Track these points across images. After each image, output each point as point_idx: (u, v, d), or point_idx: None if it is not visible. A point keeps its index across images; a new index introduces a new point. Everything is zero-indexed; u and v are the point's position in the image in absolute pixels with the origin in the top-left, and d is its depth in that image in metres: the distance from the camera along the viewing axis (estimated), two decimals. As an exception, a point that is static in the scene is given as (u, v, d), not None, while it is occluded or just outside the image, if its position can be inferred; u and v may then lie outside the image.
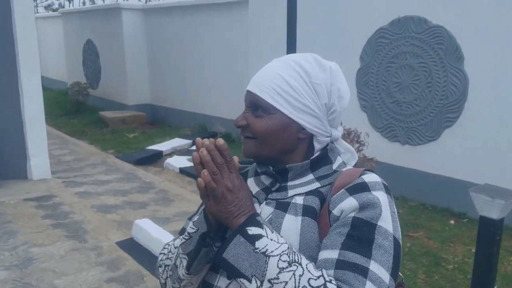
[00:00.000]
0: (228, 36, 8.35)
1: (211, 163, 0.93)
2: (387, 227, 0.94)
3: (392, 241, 0.93)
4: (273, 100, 1.02)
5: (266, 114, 1.03)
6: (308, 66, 1.04)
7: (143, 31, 10.53)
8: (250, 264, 0.88)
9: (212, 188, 0.93)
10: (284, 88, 1.02)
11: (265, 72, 1.06)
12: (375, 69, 5.63)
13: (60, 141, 8.67)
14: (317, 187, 1.04)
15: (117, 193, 5.74)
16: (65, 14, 13.43)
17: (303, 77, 1.03)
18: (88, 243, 4.29)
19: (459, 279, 3.72)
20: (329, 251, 0.92)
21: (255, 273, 0.88)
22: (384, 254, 0.91)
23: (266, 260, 0.88)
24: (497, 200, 2.59)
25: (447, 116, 5.04)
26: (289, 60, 1.06)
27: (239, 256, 0.90)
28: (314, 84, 1.04)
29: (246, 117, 1.06)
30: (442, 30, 4.95)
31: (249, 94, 1.06)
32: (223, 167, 0.94)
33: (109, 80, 11.36)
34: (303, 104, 1.02)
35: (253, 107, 1.05)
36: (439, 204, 5.18)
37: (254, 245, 0.89)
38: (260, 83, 1.04)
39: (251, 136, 1.05)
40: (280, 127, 1.03)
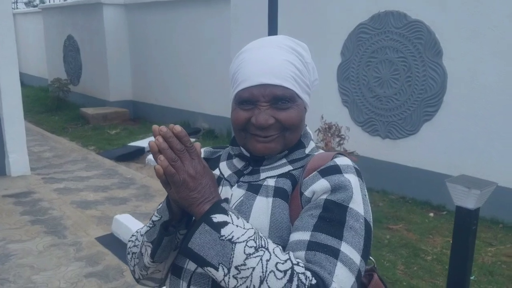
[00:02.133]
0: (210, 32, 8.31)
1: (168, 150, 0.89)
2: (358, 209, 0.94)
3: (363, 223, 0.94)
4: (295, 87, 1.02)
5: (293, 103, 1.02)
6: (297, 47, 1.06)
7: (125, 26, 10.42)
8: (216, 252, 0.86)
9: (171, 174, 0.89)
10: (297, 73, 1.02)
11: (273, 60, 1.01)
12: (356, 64, 5.66)
13: (41, 138, 8.55)
14: (289, 170, 1.05)
15: (98, 189, 5.69)
16: (45, 10, 13.23)
17: (301, 59, 1.05)
18: (67, 239, 4.24)
19: (437, 269, 3.77)
20: (300, 233, 0.92)
21: (221, 261, 0.86)
22: (355, 235, 0.91)
23: (232, 247, 0.86)
24: (473, 190, 2.63)
25: (426, 110, 5.10)
26: (280, 44, 1.05)
27: (205, 244, 0.87)
28: (307, 64, 1.06)
29: (272, 114, 1.01)
30: (421, 25, 5.00)
31: (268, 88, 1.00)
32: (183, 153, 0.90)
33: (90, 76, 11.23)
34: (306, 84, 1.05)
35: (275, 100, 1.00)
36: (418, 197, 5.24)
37: (219, 233, 0.87)
38: (278, 73, 1.00)
39: (278, 132, 1.02)
40: (303, 111, 1.06)
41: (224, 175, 1.11)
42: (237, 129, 1.06)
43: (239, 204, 1.03)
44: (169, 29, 9.28)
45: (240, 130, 1.05)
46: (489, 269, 3.77)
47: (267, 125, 1.00)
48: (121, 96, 10.56)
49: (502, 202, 4.40)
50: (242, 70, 1.03)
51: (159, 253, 1.02)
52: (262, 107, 1.00)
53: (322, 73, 5.91)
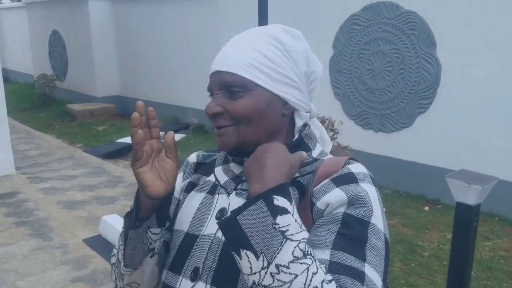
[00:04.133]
0: (199, 25, 8.14)
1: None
2: (379, 225, 0.83)
3: (384, 241, 0.83)
4: (251, 75, 0.89)
5: (245, 92, 0.89)
6: (280, 35, 0.94)
7: (111, 21, 10.21)
8: (263, 239, 0.74)
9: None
10: (261, 60, 0.90)
11: (235, 47, 0.93)
12: (348, 56, 5.55)
13: (26, 136, 8.35)
14: (295, 177, 0.91)
15: (85, 188, 5.53)
16: (29, 4, 12.94)
17: (278, 46, 0.92)
18: (53, 241, 4.10)
19: (435, 266, 3.69)
20: (319, 251, 0.80)
21: (264, 250, 0.73)
22: (377, 256, 0.80)
23: (281, 242, 0.73)
24: (473, 186, 2.53)
25: (420, 103, 5.01)
26: (258, 33, 0.94)
27: (255, 225, 0.74)
28: (290, 52, 0.93)
29: (220, 103, 0.91)
30: (415, 16, 4.90)
31: (219, 75, 0.91)
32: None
33: (77, 72, 11.01)
34: (283, 75, 0.91)
35: (226, 88, 0.90)
36: (413, 191, 5.16)
37: (275, 219, 0.75)
38: (232, 60, 0.90)
39: (230, 123, 0.91)
40: (264, 103, 0.90)
41: (220, 182, 0.99)
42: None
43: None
44: (156, 22, 9.10)
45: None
46: (488, 265, 3.70)
47: (212, 113, 0.91)
48: (108, 92, 10.37)
49: (498, 196, 4.30)
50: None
51: (129, 253, 0.91)
52: (216, 95, 0.92)
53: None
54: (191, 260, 0.93)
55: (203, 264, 0.91)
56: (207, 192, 0.99)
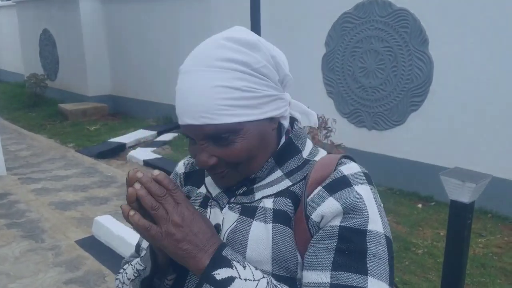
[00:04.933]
0: (190, 24, 8.10)
1: (148, 197, 0.75)
2: (377, 229, 0.80)
3: (385, 243, 0.80)
4: (233, 118, 0.80)
5: (235, 136, 0.81)
6: (238, 55, 0.81)
7: (102, 19, 10.13)
8: None
9: (145, 228, 0.76)
10: (234, 96, 0.79)
11: (196, 94, 0.80)
12: (341, 55, 5.54)
13: (17, 136, 8.27)
14: (287, 186, 0.88)
15: (77, 188, 5.48)
16: (19, 3, 12.80)
17: (243, 70, 0.81)
18: (46, 243, 4.06)
19: (429, 263, 3.70)
20: (318, 273, 0.78)
21: None
22: (379, 263, 0.78)
23: None
24: (467, 184, 2.53)
25: (413, 100, 5.02)
26: (212, 63, 0.80)
27: None
28: (258, 70, 0.82)
29: (212, 153, 0.83)
30: (407, 13, 4.90)
31: (196, 128, 0.81)
32: (166, 198, 0.76)
33: (68, 71, 10.91)
34: (260, 97, 0.82)
35: (211, 139, 0.82)
36: (406, 188, 5.17)
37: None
38: (204, 110, 0.79)
39: (228, 168, 0.86)
40: (256, 136, 0.84)
41: (212, 194, 0.94)
42: None
43: (232, 231, 0.86)
44: (147, 21, 9.04)
45: None
46: (481, 261, 3.71)
47: (208, 166, 0.84)
48: (100, 91, 10.29)
49: (491, 192, 4.33)
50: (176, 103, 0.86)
51: None
52: (201, 145, 0.83)
53: (306, 64, 5.81)
54: (190, 280, 0.90)
55: None
56: (199, 205, 0.95)
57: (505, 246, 4.00)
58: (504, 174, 4.36)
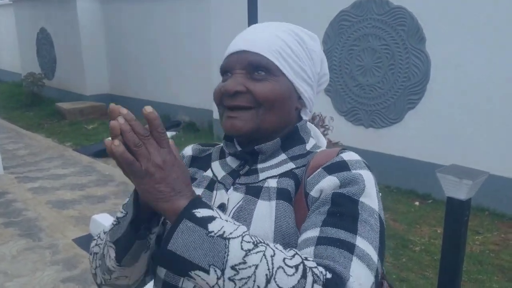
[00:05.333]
0: (189, 23, 8.09)
1: (131, 133, 0.72)
2: (372, 205, 0.82)
3: (378, 219, 0.81)
4: (278, 61, 0.90)
5: (270, 76, 0.89)
6: (301, 33, 0.96)
7: (100, 18, 10.11)
8: (205, 252, 0.70)
9: (128, 162, 0.72)
10: (286, 51, 0.91)
11: (260, 33, 0.93)
12: (338, 53, 5.55)
13: (15, 135, 8.26)
14: (291, 168, 0.92)
15: (75, 187, 5.48)
16: (16, 2, 12.77)
17: (300, 43, 0.94)
18: (43, 242, 4.05)
19: (426, 260, 3.71)
20: (308, 232, 0.79)
21: (213, 262, 0.69)
22: (370, 231, 0.78)
23: (226, 244, 0.70)
24: (464, 181, 2.54)
25: (410, 98, 5.02)
26: (280, 26, 0.95)
27: (190, 244, 0.70)
28: (310, 51, 0.96)
29: (242, 82, 0.88)
30: (404, 11, 4.90)
31: (243, 54, 0.90)
32: (149, 140, 0.74)
33: (65, 70, 10.90)
34: (303, 70, 0.94)
35: (251, 69, 0.89)
36: (403, 186, 5.18)
37: (206, 229, 0.71)
38: (260, 43, 0.90)
39: (249, 105, 0.88)
40: (286, 91, 0.91)
41: (218, 177, 0.97)
42: (217, 105, 0.95)
43: (237, 210, 0.89)
44: (146, 20, 9.03)
45: (218, 104, 0.94)
46: (478, 258, 3.72)
47: (233, 91, 0.88)
48: (98, 90, 10.28)
49: (488, 190, 4.34)
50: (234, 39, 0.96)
51: (129, 257, 0.88)
52: (236, 74, 0.90)
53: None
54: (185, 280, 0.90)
55: None
56: (205, 187, 0.98)
57: (502, 243, 4.01)
58: (501, 172, 4.37)
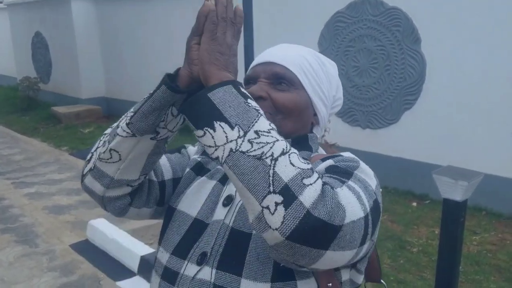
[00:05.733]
0: (184, 25, 8.06)
1: (223, 8, 0.83)
2: (368, 180, 0.84)
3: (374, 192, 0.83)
4: (301, 76, 0.98)
5: (292, 88, 0.97)
6: (322, 58, 1.05)
7: (95, 21, 10.09)
8: (237, 113, 0.75)
9: (213, 18, 0.81)
10: (309, 69, 0.99)
11: (286, 50, 1.02)
12: (334, 54, 5.54)
13: (10, 140, 8.23)
14: None
15: (71, 192, 5.45)
16: (11, 6, 12.74)
17: (321, 65, 1.03)
18: (40, 248, 4.03)
19: (424, 261, 3.71)
20: None
21: (240, 123, 0.74)
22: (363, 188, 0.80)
23: (257, 115, 0.76)
24: (460, 182, 2.54)
25: (406, 99, 5.02)
26: (301, 47, 1.04)
27: (227, 101, 0.76)
28: (329, 75, 1.04)
29: (265, 89, 0.96)
30: (399, 12, 4.91)
31: (270, 65, 0.99)
32: (232, 24, 0.84)
33: (61, 74, 10.86)
34: (321, 89, 1.01)
35: (275, 79, 0.97)
36: (401, 186, 5.18)
37: (246, 100, 0.77)
38: (286, 57, 0.99)
39: (269, 111, 0.94)
40: (304, 104, 0.99)
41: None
42: None
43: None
44: (141, 22, 9.01)
45: None
46: (475, 259, 3.72)
47: (257, 95, 0.93)
48: (94, 93, 10.24)
49: (485, 190, 4.33)
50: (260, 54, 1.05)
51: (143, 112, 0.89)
52: (261, 82, 0.98)
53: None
54: (199, 245, 0.92)
55: (211, 249, 0.90)
56: (218, 180, 1.01)
57: (499, 243, 4.01)
58: (497, 171, 4.38)
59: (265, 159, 0.71)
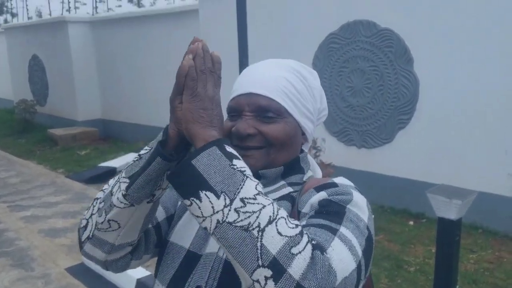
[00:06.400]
0: (180, 46, 8.15)
1: (201, 60, 0.82)
2: (360, 214, 0.84)
3: (366, 228, 0.83)
4: (286, 104, 0.94)
5: (279, 117, 0.94)
6: (303, 71, 1.00)
7: (91, 44, 10.19)
8: (222, 179, 0.73)
9: (193, 76, 0.81)
10: (292, 91, 0.95)
11: (267, 73, 0.96)
12: (328, 74, 5.61)
13: (6, 163, 8.22)
14: (289, 192, 0.96)
15: (67, 215, 5.44)
16: (8, 30, 12.87)
17: (303, 81, 0.98)
18: (35, 271, 4.01)
19: (421, 281, 3.70)
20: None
21: (226, 189, 0.72)
22: (356, 229, 0.81)
23: (243, 179, 0.74)
24: (454, 201, 2.56)
25: (400, 118, 5.07)
26: (282, 64, 0.99)
27: (212, 167, 0.74)
28: (312, 89, 1.00)
29: (253, 124, 0.93)
30: (391, 33, 4.99)
31: (252, 97, 0.94)
32: (211, 74, 0.83)
33: (58, 96, 10.92)
34: (307, 108, 0.98)
35: (261, 111, 0.93)
36: (397, 205, 5.19)
37: (231, 162, 0.75)
38: (269, 85, 0.94)
39: (261, 145, 0.93)
40: (294, 131, 0.97)
41: None
42: None
43: None
44: (136, 44, 9.11)
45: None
46: (473, 277, 3.72)
47: (246, 134, 0.92)
48: (90, 115, 10.29)
49: (480, 208, 4.37)
50: (237, 81, 1.00)
51: (140, 184, 0.87)
52: (246, 116, 0.94)
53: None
54: (193, 278, 0.92)
55: (205, 284, 0.91)
56: None
57: (496, 261, 4.01)
58: (492, 189, 4.41)
59: (252, 230, 0.70)
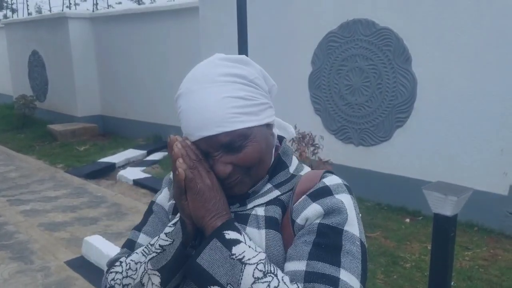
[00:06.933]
0: (180, 43, 8.21)
1: (188, 157, 0.90)
2: (354, 231, 0.90)
3: (360, 245, 0.89)
4: (243, 124, 0.90)
5: (246, 141, 0.91)
6: (234, 69, 0.93)
7: (92, 40, 10.21)
8: (225, 271, 0.84)
9: (191, 178, 0.88)
10: (240, 104, 0.90)
11: (208, 106, 0.88)
12: (327, 73, 5.65)
13: (6, 157, 8.24)
14: (277, 195, 0.97)
15: (66, 209, 5.47)
16: (8, 25, 12.87)
17: (242, 82, 0.92)
18: (35, 264, 4.04)
19: (417, 277, 3.74)
20: (296, 263, 0.87)
21: (230, 281, 0.83)
22: (353, 260, 0.87)
23: (241, 268, 0.83)
24: (449, 197, 2.60)
25: (398, 117, 5.12)
26: (214, 77, 0.91)
27: (215, 261, 0.85)
28: (254, 81, 0.94)
29: (227, 161, 0.91)
30: (390, 32, 5.03)
31: (212, 139, 0.89)
32: (200, 163, 0.90)
33: (57, 92, 10.94)
34: (259, 104, 0.93)
35: (226, 147, 0.90)
36: (394, 203, 5.23)
37: (230, 251, 0.85)
38: (217, 121, 0.88)
39: (242, 173, 0.94)
40: (263, 139, 0.95)
41: None
42: None
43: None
44: (137, 41, 9.13)
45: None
46: (468, 274, 3.77)
47: (226, 175, 0.92)
48: (90, 111, 10.31)
49: (476, 206, 4.42)
50: (183, 122, 0.94)
51: (176, 279, 0.94)
52: (215, 157, 0.92)
53: (293, 83, 5.90)
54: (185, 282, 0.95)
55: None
56: None
57: (490, 258, 4.06)
58: (488, 188, 4.45)
59: None
